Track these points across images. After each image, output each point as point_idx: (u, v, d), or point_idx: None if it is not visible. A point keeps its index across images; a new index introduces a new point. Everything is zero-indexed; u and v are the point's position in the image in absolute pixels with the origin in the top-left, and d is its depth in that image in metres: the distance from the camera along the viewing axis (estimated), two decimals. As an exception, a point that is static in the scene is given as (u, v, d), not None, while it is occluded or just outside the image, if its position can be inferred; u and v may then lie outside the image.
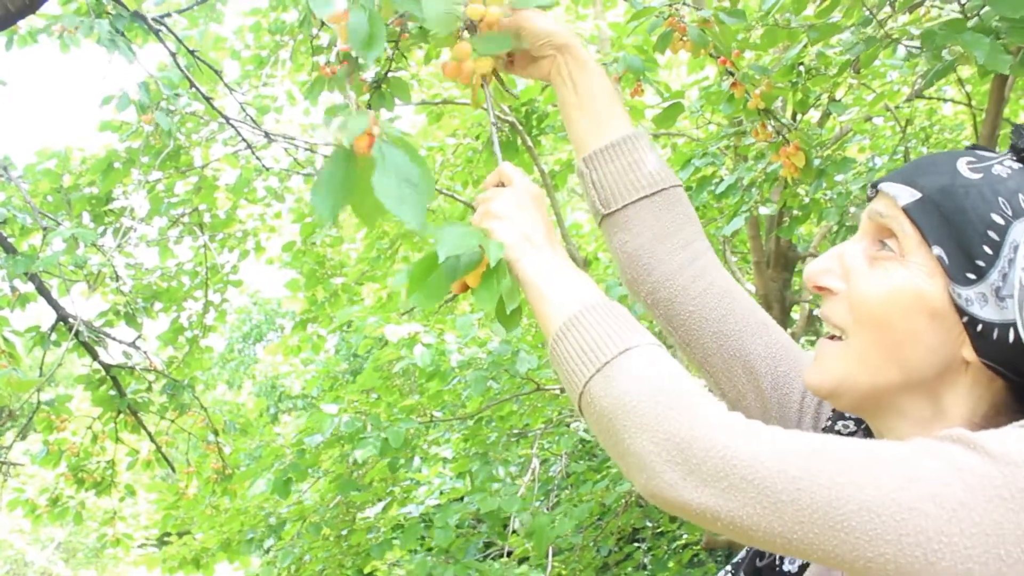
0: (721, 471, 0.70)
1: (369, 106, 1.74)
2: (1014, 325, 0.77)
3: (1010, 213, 0.77)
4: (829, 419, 0.96)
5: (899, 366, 0.80)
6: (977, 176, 0.79)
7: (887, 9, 2.20)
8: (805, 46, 2.46)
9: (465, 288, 0.97)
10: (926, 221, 0.79)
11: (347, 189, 0.90)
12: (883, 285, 0.81)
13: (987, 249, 0.77)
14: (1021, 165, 0.81)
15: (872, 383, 0.82)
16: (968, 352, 0.79)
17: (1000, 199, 0.78)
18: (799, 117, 3.16)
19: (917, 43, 2.15)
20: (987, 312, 0.77)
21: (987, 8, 1.90)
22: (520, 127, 4.18)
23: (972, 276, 0.77)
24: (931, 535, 0.63)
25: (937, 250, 0.78)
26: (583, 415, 0.83)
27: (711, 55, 1.68)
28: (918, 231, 0.80)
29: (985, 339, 0.77)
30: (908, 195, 0.81)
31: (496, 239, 0.95)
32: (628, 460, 0.76)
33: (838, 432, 0.95)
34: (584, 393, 0.82)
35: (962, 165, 0.81)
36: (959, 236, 0.78)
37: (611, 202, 1.11)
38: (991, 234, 0.77)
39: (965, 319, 0.78)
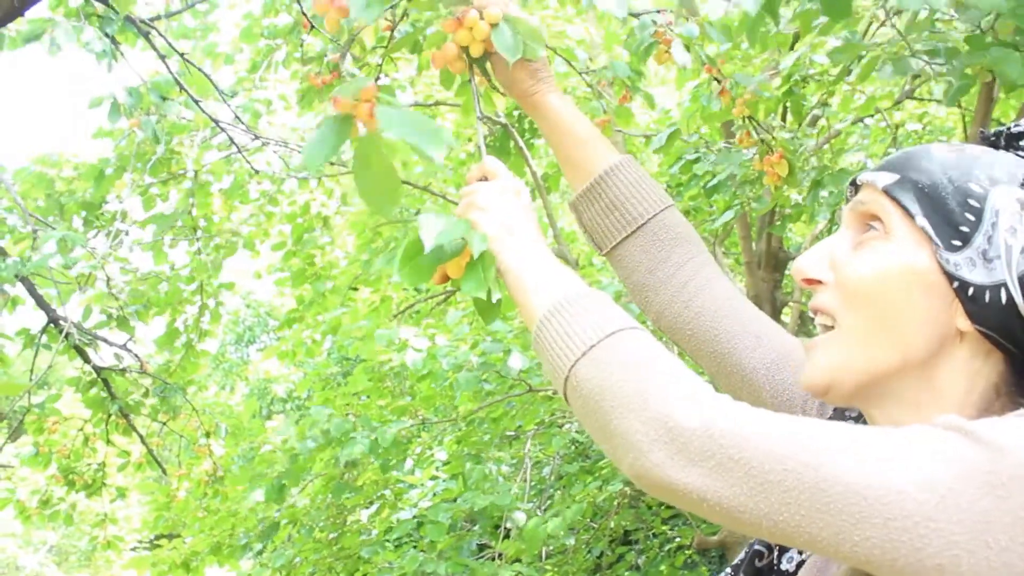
0: (708, 450, 0.70)
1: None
2: (1004, 285, 0.77)
3: (987, 182, 0.79)
4: (830, 419, 0.96)
5: (894, 343, 0.80)
6: (952, 155, 0.82)
7: (886, 29, 2.21)
8: (800, 57, 2.48)
9: (446, 279, 0.98)
10: (907, 197, 0.81)
11: (338, 143, 0.92)
12: (871, 263, 0.81)
13: (969, 216, 0.78)
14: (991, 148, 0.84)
15: (868, 366, 0.81)
16: (962, 321, 0.79)
17: (976, 171, 0.80)
18: (789, 121, 3.17)
19: (927, 58, 2.15)
20: (976, 275, 0.78)
21: (995, 19, 1.90)
22: (512, 129, 4.18)
23: (958, 242, 0.78)
24: (918, 520, 0.63)
25: (921, 220, 0.79)
26: (568, 401, 0.83)
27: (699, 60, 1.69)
28: (900, 208, 0.81)
29: (977, 302, 0.78)
30: (887, 178, 0.83)
31: (479, 230, 0.96)
32: (615, 442, 0.76)
33: None
34: (570, 377, 0.81)
35: (935, 148, 0.84)
36: (941, 207, 0.79)
37: (602, 244, 1.17)
38: (971, 202, 0.79)
39: (956, 285, 0.78)
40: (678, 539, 5.89)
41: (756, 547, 0.91)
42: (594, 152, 1.16)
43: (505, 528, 4.28)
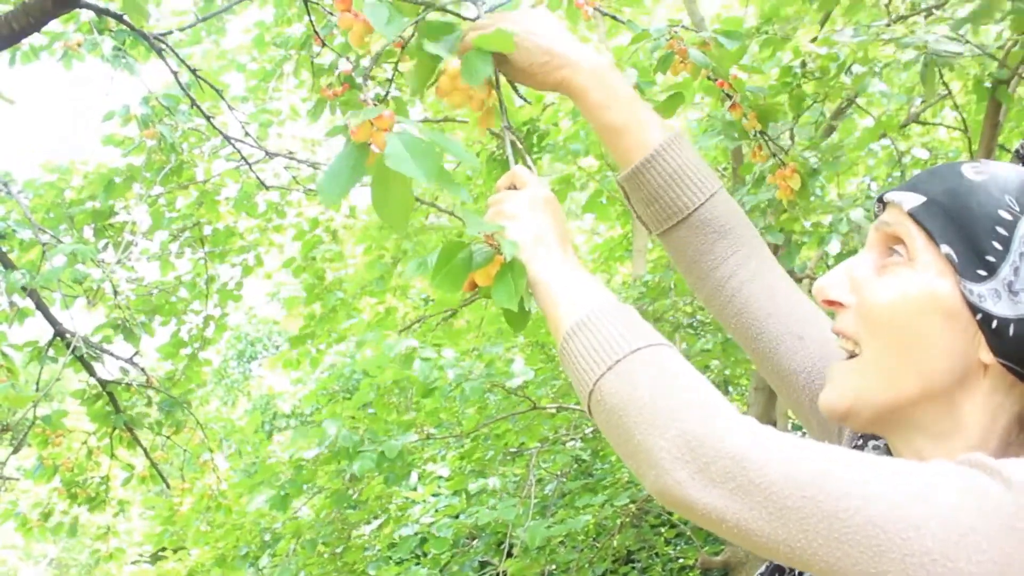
0: (730, 472, 0.70)
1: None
2: None
3: (1017, 209, 0.76)
4: (860, 438, 0.94)
5: (915, 373, 0.79)
6: (982, 177, 0.79)
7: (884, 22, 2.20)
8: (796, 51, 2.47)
9: (474, 286, 0.97)
10: (932, 222, 0.78)
11: (355, 176, 0.91)
12: (893, 289, 0.80)
13: (996, 245, 0.76)
14: None
15: (889, 395, 0.80)
16: (985, 353, 0.77)
17: (1007, 196, 0.77)
18: (795, 130, 3.17)
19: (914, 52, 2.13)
20: (1001, 308, 0.75)
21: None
22: (521, 145, 4.19)
23: (983, 272, 0.76)
24: (936, 557, 0.62)
25: (945, 248, 0.77)
26: (592, 414, 0.82)
27: (709, 78, 1.70)
28: (925, 232, 0.79)
29: (1001, 336, 0.76)
30: (913, 200, 0.80)
31: (508, 238, 0.95)
32: (638, 457, 0.76)
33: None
34: (595, 391, 0.81)
35: (966, 169, 0.81)
36: (967, 233, 0.77)
37: (650, 228, 1.13)
38: (999, 230, 0.76)
39: (979, 316, 0.76)
40: (681, 559, 5.86)
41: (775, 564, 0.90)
42: (630, 140, 1.09)
43: (508, 545, 4.26)
